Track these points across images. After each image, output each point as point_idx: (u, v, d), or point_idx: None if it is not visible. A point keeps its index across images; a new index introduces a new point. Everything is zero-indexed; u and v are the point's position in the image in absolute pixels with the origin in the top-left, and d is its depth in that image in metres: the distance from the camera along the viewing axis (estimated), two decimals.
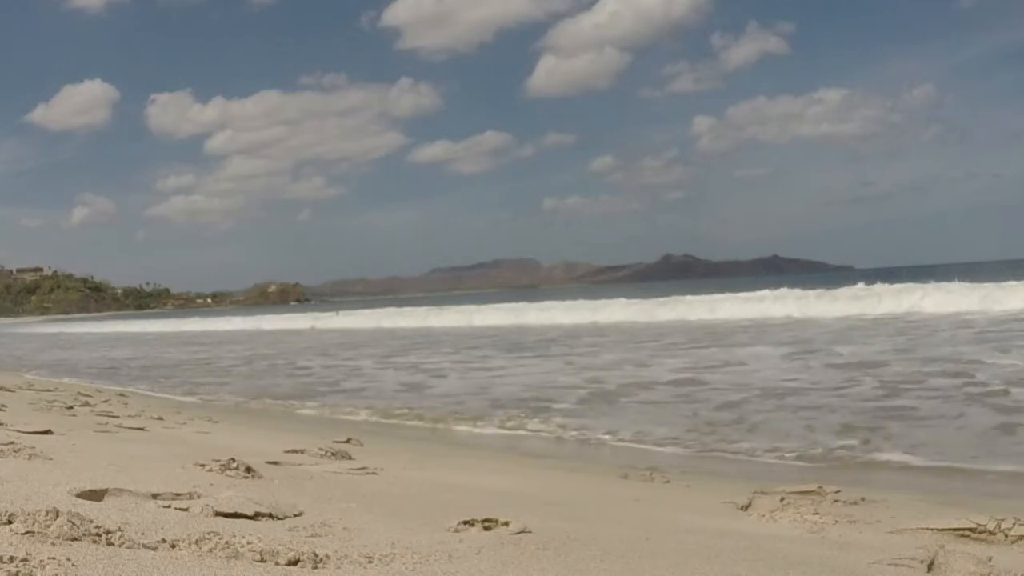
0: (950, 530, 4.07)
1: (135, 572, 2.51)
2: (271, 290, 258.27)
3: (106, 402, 11.15)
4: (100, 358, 28.96)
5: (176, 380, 18.25)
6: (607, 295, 47.45)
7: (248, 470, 4.71)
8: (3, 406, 8.36)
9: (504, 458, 7.72)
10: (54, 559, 2.49)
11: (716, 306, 34.25)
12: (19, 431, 5.93)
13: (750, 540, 3.81)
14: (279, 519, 3.47)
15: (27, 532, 2.72)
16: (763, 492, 5.19)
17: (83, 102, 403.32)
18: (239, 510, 3.46)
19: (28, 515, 2.82)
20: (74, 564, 2.49)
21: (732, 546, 3.59)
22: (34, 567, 2.42)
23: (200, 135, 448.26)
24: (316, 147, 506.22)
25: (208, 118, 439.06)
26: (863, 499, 5.16)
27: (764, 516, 4.68)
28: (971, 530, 4.05)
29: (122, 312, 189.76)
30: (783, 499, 4.99)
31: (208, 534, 2.94)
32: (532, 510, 4.20)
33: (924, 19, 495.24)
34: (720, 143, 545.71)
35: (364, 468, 5.74)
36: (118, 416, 8.84)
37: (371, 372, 17.81)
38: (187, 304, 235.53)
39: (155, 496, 3.68)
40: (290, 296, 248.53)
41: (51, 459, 4.59)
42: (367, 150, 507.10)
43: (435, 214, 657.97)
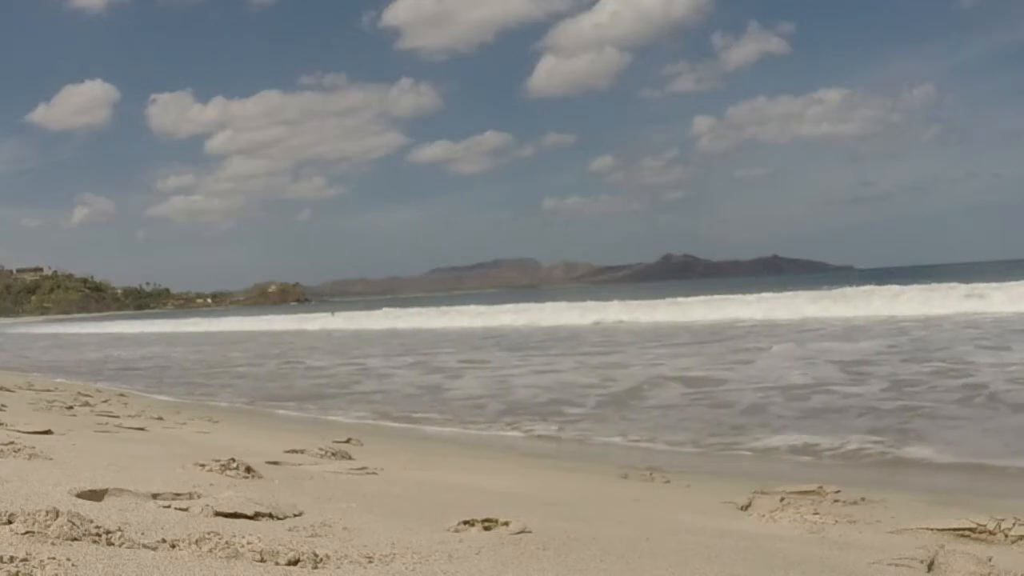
0: (950, 530, 4.07)
1: (135, 572, 2.51)
2: (271, 290, 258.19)
3: (106, 402, 11.15)
4: (106, 358, 28.96)
5: (193, 383, 18.09)
6: (607, 295, 47.48)
7: (248, 470, 4.71)
8: (3, 406, 8.36)
9: (504, 458, 7.72)
10: (54, 559, 2.49)
11: (718, 306, 34.29)
12: (19, 431, 5.92)
13: (750, 540, 3.81)
14: (279, 519, 3.47)
15: (27, 532, 2.72)
16: (763, 492, 5.19)
17: (83, 102, 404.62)
18: (239, 510, 3.46)
19: (28, 515, 2.82)
20: (74, 564, 2.49)
21: (732, 546, 3.59)
22: (34, 567, 2.42)
23: (200, 135, 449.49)
24: (316, 147, 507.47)
25: (208, 118, 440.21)
26: (863, 499, 5.16)
27: (764, 516, 4.68)
28: (971, 530, 4.05)
29: (122, 312, 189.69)
30: (783, 499, 4.99)
31: (208, 534, 2.94)
32: (532, 510, 4.20)
33: (924, 19, 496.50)
34: (720, 143, 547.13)
35: (364, 468, 5.74)
36: (118, 416, 8.84)
37: (384, 373, 17.54)
38: (187, 304, 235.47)
39: (155, 496, 3.68)
40: (290, 296, 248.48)
41: (51, 459, 4.58)
42: (367, 150, 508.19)
43: (435, 214, 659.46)
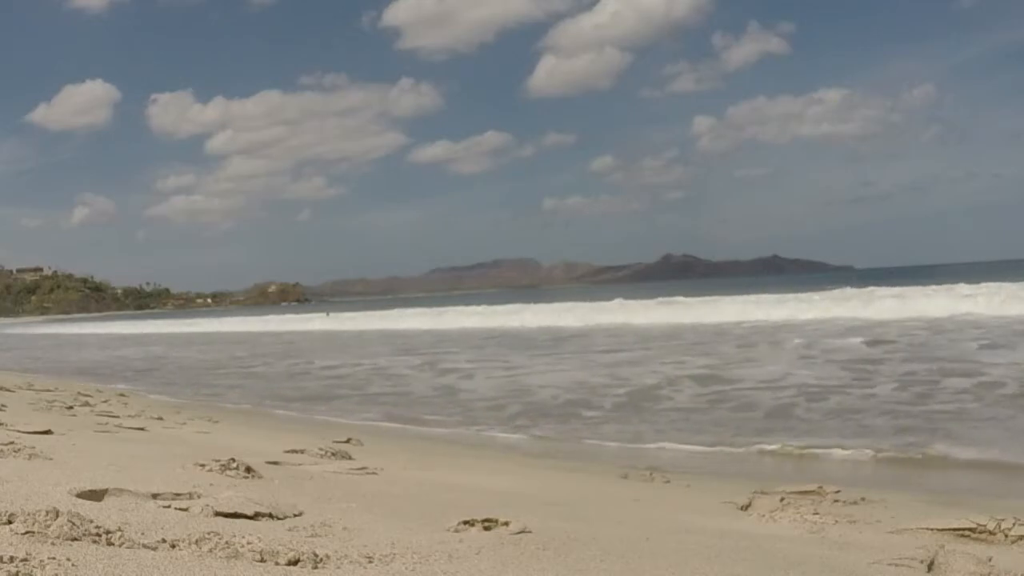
0: (950, 530, 4.07)
1: (135, 572, 2.51)
2: (271, 290, 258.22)
3: (106, 402, 11.15)
4: (108, 358, 28.95)
5: (199, 382, 18.05)
6: (607, 295, 47.41)
7: (248, 470, 4.71)
8: (3, 406, 8.36)
9: (504, 458, 7.72)
10: (54, 559, 2.49)
11: (720, 307, 34.30)
12: (19, 431, 5.92)
13: (750, 540, 3.81)
14: (279, 519, 3.47)
15: (27, 532, 2.72)
16: (763, 492, 5.19)
17: (84, 102, 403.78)
18: (239, 510, 3.46)
19: (28, 515, 2.82)
20: (74, 564, 2.49)
21: (732, 546, 3.59)
22: (34, 567, 2.42)
23: (200, 135, 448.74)
24: (316, 147, 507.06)
25: (208, 118, 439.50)
26: (863, 499, 5.16)
27: (764, 516, 4.68)
28: (971, 530, 4.05)
29: (122, 312, 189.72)
30: (783, 499, 4.99)
31: (208, 534, 2.94)
32: (532, 510, 4.20)
33: (924, 19, 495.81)
34: (720, 143, 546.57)
35: (364, 468, 5.74)
36: (118, 416, 8.84)
37: (398, 373, 17.45)
38: (187, 304, 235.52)
39: (155, 496, 3.68)
40: (290, 296, 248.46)
41: (51, 459, 4.58)
42: (367, 150, 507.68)
43: (435, 214, 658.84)
